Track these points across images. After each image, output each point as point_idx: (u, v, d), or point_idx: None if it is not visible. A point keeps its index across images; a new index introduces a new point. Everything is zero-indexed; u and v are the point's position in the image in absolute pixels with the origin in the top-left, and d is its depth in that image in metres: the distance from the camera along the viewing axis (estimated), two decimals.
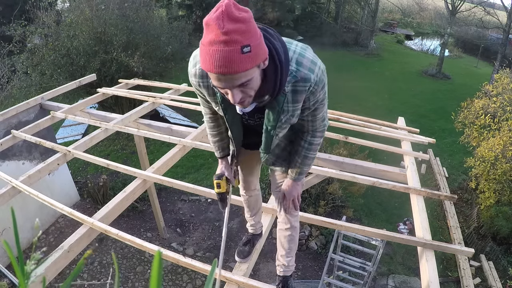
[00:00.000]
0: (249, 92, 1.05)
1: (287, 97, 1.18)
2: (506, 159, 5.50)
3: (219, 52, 0.91)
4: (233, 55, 0.92)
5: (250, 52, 0.93)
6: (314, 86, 1.18)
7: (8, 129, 3.97)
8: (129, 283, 5.13)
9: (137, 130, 3.70)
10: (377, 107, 11.80)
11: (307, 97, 1.22)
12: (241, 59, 0.93)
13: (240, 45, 0.91)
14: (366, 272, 4.11)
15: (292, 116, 1.26)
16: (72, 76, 7.35)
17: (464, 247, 2.25)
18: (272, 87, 1.11)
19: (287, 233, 1.83)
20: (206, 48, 0.94)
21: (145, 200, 6.45)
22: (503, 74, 6.65)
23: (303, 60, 1.15)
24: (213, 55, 0.92)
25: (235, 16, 0.90)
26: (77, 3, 8.38)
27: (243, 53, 0.92)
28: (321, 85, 1.21)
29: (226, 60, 0.92)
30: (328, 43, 19.56)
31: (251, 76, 0.99)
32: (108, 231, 2.33)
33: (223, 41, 0.90)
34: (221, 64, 0.92)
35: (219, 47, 0.91)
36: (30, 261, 0.46)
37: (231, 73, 0.94)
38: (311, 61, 1.16)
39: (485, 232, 6.36)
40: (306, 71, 1.15)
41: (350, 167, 3.39)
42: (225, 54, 0.91)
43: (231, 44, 0.91)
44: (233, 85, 0.99)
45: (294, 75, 1.14)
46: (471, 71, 17.86)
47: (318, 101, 1.27)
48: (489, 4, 18.08)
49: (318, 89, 1.20)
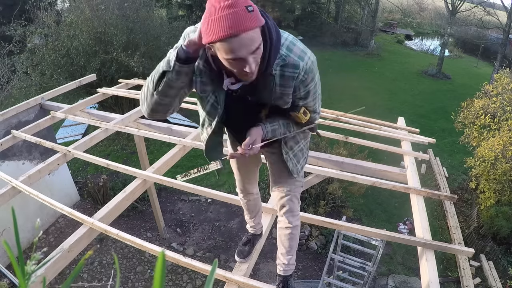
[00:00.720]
0: (258, 60, 1.06)
1: (275, 79, 1.18)
2: (506, 159, 5.49)
3: (228, 15, 0.93)
4: (240, 14, 0.93)
5: (253, 12, 0.96)
6: (304, 75, 1.19)
7: (8, 129, 3.97)
8: (129, 283, 5.13)
9: (137, 130, 3.71)
10: (377, 107, 11.80)
11: (297, 86, 1.22)
12: (248, 17, 0.94)
13: (244, 5, 0.94)
14: (366, 272, 4.11)
15: (280, 99, 1.25)
16: (72, 76, 7.35)
17: (464, 247, 2.25)
18: (261, 61, 1.10)
19: (288, 231, 1.81)
20: (214, 18, 0.94)
21: (145, 200, 6.45)
22: (503, 74, 6.64)
23: (293, 48, 1.17)
24: (223, 20, 0.93)
25: None
26: (77, 3, 8.38)
27: (248, 12, 0.94)
28: (311, 75, 1.22)
29: (235, 20, 0.93)
30: (328, 43, 19.56)
31: (258, 38, 1.00)
32: (108, 231, 2.33)
33: (227, 5, 0.93)
34: (230, 25, 0.93)
35: (224, 12, 0.93)
36: (30, 261, 0.46)
37: (243, 30, 0.94)
38: (301, 50, 1.18)
39: (485, 232, 6.36)
40: (296, 57, 1.16)
41: (350, 167, 3.39)
42: (234, 15, 0.93)
43: (235, 6, 0.93)
44: (249, 51, 0.99)
45: (283, 59, 1.15)
46: (471, 71, 17.86)
47: (310, 92, 1.27)
48: (489, 4, 18.07)
49: (308, 78, 1.21)
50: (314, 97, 1.32)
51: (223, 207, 6.63)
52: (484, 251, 6.07)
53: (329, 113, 4.10)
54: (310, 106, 1.35)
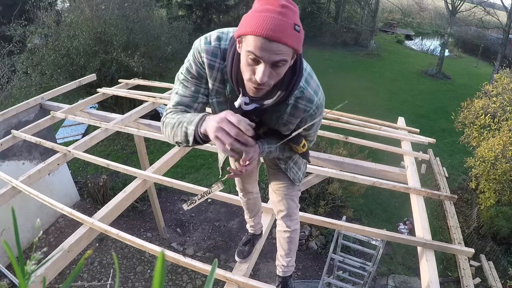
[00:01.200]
0: (274, 77, 1.04)
1: (288, 108, 1.20)
2: (506, 159, 5.49)
3: (275, 19, 0.94)
4: (287, 27, 0.95)
5: (298, 33, 0.98)
6: (315, 109, 1.23)
7: (8, 129, 3.97)
8: (129, 283, 5.13)
9: (137, 130, 3.70)
10: (377, 107, 11.80)
11: (305, 118, 1.25)
12: (292, 33, 0.96)
13: (293, 21, 0.96)
14: (366, 272, 4.11)
15: (284, 125, 1.27)
16: (72, 76, 7.35)
17: (464, 247, 2.25)
18: (284, 89, 1.11)
19: (286, 235, 1.81)
20: (261, 14, 0.95)
21: (145, 200, 6.45)
22: (503, 74, 6.64)
23: (311, 81, 1.20)
24: (269, 20, 0.94)
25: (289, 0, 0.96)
26: (77, 3, 8.38)
27: (294, 30, 0.96)
28: (320, 110, 1.25)
29: (280, 27, 0.94)
30: (328, 43, 19.56)
31: (288, 58, 1.01)
32: (108, 231, 2.33)
33: (280, 12, 0.94)
34: (274, 28, 0.94)
35: (276, 16, 0.94)
36: (30, 261, 0.46)
37: (280, 41, 0.95)
38: (317, 85, 1.22)
39: (485, 232, 6.36)
40: (312, 92, 1.19)
41: (350, 167, 3.39)
42: (281, 23, 0.94)
43: (287, 17, 0.95)
44: (271, 59, 0.98)
45: (301, 91, 1.17)
46: (471, 71, 17.86)
47: (314, 125, 1.30)
48: (489, 4, 18.07)
49: (318, 113, 1.25)
50: (316, 129, 1.36)
51: (223, 207, 6.63)
52: (484, 251, 6.07)
53: (329, 113, 4.09)
54: (310, 137, 1.38)
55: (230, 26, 1.24)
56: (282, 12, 0.94)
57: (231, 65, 1.10)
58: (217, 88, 1.21)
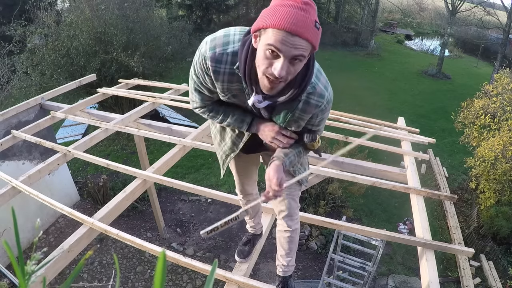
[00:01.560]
0: (291, 73, 1.04)
1: (300, 104, 1.21)
2: (506, 159, 5.49)
3: (298, 15, 0.94)
4: (309, 22, 0.96)
5: (318, 30, 0.99)
6: (326, 104, 1.24)
7: (8, 129, 3.97)
8: (129, 283, 5.13)
9: (137, 130, 3.70)
10: (377, 107, 11.80)
11: (316, 114, 1.26)
12: (313, 30, 0.97)
13: (314, 18, 0.97)
14: (366, 272, 4.11)
15: (295, 122, 1.28)
16: (72, 76, 7.35)
17: (464, 247, 2.25)
18: (298, 86, 1.12)
19: (287, 235, 1.81)
20: (283, 9, 0.95)
21: (145, 200, 6.45)
22: (503, 74, 6.64)
23: (320, 77, 1.21)
24: (292, 15, 0.94)
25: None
26: (77, 3, 8.38)
27: (315, 26, 0.98)
28: (330, 105, 1.27)
29: (302, 22, 0.95)
30: (328, 43, 19.55)
31: (306, 53, 1.01)
32: (108, 231, 2.33)
33: (302, 8, 0.95)
34: (297, 23, 0.94)
35: (298, 11, 0.95)
36: (30, 261, 0.46)
37: (301, 36, 0.95)
38: (326, 80, 1.23)
39: (485, 232, 6.36)
40: (323, 87, 1.20)
41: (350, 167, 3.39)
42: (303, 18, 0.95)
43: (308, 14, 0.96)
44: (291, 53, 0.98)
45: (313, 86, 1.18)
46: (471, 71, 17.86)
47: (323, 119, 1.32)
48: (489, 4, 18.07)
49: (328, 108, 1.26)
50: (324, 124, 1.38)
51: (223, 207, 6.63)
52: (484, 251, 6.07)
53: (329, 113, 4.10)
54: (320, 131, 1.39)
55: (230, 26, 1.24)
56: (304, 9, 0.95)
57: (245, 64, 1.09)
58: (227, 87, 1.21)
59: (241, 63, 1.10)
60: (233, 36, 1.14)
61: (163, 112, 9.20)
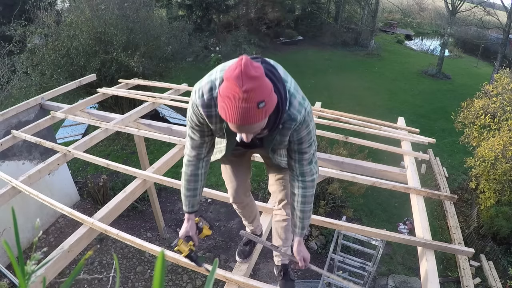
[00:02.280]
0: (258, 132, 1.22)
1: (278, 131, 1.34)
2: (506, 159, 5.49)
3: (240, 109, 1.07)
4: (251, 111, 1.08)
5: (264, 107, 1.10)
6: (298, 125, 1.33)
7: (8, 129, 3.97)
8: (129, 283, 5.13)
9: (137, 130, 3.70)
10: (377, 107, 11.80)
11: (292, 134, 1.37)
12: (257, 113, 1.09)
13: (256, 101, 1.07)
14: (366, 272, 4.11)
15: (280, 144, 1.42)
16: (72, 76, 7.34)
17: (464, 247, 2.25)
18: (272, 125, 1.27)
19: (285, 224, 1.89)
20: (227, 102, 1.09)
21: (145, 200, 6.45)
22: (503, 74, 6.64)
23: (294, 101, 1.28)
24: (234, 110, 1.08)
25: (252, 75, 1.04)
26: (77, 3, 8.38)
27: (258, 108, 1.08)
28: (305, 125, 1.35)
29: (245, 115, 1.08)
30: (328, 43, 19.56)
31: (263, 125, 1.17)
32: (108, 231, 2.33)
33: (242, 98, 1.06)
34: (240, 117, 1.09)
35: (239, 104, 1.07)
36: (30, 261, 0.46)
37: (248, 124, 1.12)
38: (299, 103, 1.30)
39: (485, 232, 6.36)
40: (295, 111, 1.29)
41: (350, 167, 3.39)
42: (244, 111, 1.07)
43: (249, 101, 1.06)
44: (248, 133, 1.17)
45: (287, 114, 1.29)
46: (471, 71, 17.86)
47: (302, 137, 1.39)
48: (489, 4, 18.07)
49: (302, 128, 1.35)
50: (309, 143, 1.43)
51: (223, 207, 6.63)
52: (484, 251, 6.07)
53: (329, 113, 4.10)
54: (304, 150, 1.44)
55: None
56: (244, 99, 1.05)
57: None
58: (219, 126, 1.37)
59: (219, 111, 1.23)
60: (215, 80, 1.26)
61: (163, 112, 9.20)
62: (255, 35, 16.95)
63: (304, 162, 1.47)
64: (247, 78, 1.04)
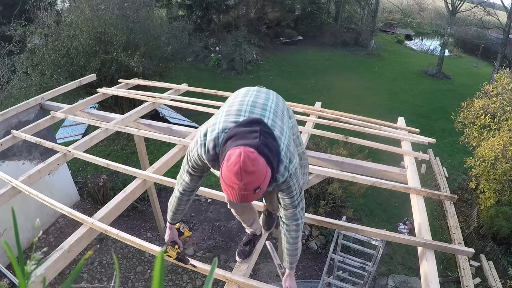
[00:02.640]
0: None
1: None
2: (506, 159, 5.49)
3: (239, 195, 1.29)
4: (248, 196, 1.29)
5: (259, 190, 1.30)
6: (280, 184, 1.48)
7: (8, 129, 3.97)
8: (129, 283, 5.13)
9: (137, 130, 3.70)
10: (377, 107, 11.80)
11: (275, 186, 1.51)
12: (253, 195, 1.30)
13: (253, 189, 1.27)
14: (366, 272, 4.11)
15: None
16: (72, 76, 7.34)
17: (464, 247, 2.25)
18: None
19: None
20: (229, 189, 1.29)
21: (145, 200, 6.45)
22: (503, 74, 6.64)
23: (280, 167, 1.42)
24: (235, 195, 1.29)
25: (250, 170, 1.23)
26: (77, 3, 8.38)
27: (255, 193, 1.29)
28: (286, 185, 1.49)
29: (243, 199, 1.30)
30: (328, 43, 19.55)
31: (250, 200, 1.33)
32: (108, 231, 2.33)
33: (241, 188, 1.26)
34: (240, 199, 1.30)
35: (239, 192, 1.28)
36: (30, 261, 0.46)
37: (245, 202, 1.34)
38: (285, 167, 1.43)
39: (485, 232, 6.36)
40: (279, 176, 1.44)
41: (350, 167, 3.39)
42: (243, 196, 1.29)
43: (247, 190, 1.27)
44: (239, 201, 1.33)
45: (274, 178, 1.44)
46: (471, 71, 17.85)
47: (282, 190, 1.53)
48: (489, 4, 18.06)
49: (283, 185, 1.50)
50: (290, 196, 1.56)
51: (223, 207, 6.63)
52: (484, 251, 6.07)
53: (329, 113, 4.10)
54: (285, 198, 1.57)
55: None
56: (243, 188, 1.26)
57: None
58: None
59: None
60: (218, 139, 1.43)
61: (163, 112, 9.20)
62: (255, 35, 16.95)
63: (287, 207, 1.61)
64: (245, 173, 1.23)
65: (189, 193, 1.72)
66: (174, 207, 1.77)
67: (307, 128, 3.77)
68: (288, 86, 13.49)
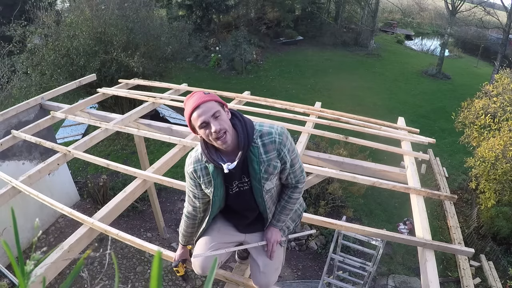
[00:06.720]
0: (223, 125, 1.43)
1: (259, 149, 1.52)
2: (506, 159, 5.49)
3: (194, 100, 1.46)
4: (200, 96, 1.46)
5: (209, 94, 1.48)
6: (279, 137, 1.53)
7: (8, 129, 3.97)
8: (129, 283, 5.13)
9: (137, 130, 3.70)
10: (377, 107, 11.80)
11: (278, 149, 1.54)
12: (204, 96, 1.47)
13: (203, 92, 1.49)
14: (366, 272, 4.11)
15: (269, 166, 1.55)
16: (72, 76, 7.34)
17: (464, 247, 2.25)
18: (243, 138, 1.49)
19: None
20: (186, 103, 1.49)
21: (145, 200, 6.45)
22: (503, 74, 6.64)
23: (263, 124, 1.57)
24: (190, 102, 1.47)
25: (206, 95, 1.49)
26: (77, 3, 8.38)
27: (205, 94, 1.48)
28: (285, 136, 1.54)
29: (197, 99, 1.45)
30: (328, 43, 19.55)
31: (216, 109, 1.44)
32: (108, 231, 2.33)
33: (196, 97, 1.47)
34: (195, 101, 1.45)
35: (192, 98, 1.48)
36: (30, 261, 0.46)
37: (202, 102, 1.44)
38: (269, 125, 1.57)
39: (485, 232, 6.36)
40: (268, 128, 1.54)
41: (350, 167, 3.39)
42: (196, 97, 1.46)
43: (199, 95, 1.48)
44: (209, 114, 1.42)
45: (259, 131, 1.54)
46: (471, 71, 17.86)
47: (290, 150, 1.57)
48: (489, 4, 18.06)
49: (283, 138, 1.54)
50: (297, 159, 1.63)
51: None
52: (484, 251, 6.07)
53: (329, 113, 4.10)
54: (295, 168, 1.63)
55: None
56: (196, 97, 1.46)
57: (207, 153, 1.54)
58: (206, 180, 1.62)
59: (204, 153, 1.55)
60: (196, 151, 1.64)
61: (163, 112, 9.20)
62: (255, 35, 16.95)
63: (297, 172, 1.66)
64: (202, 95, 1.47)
65: (193, 217, 1.85)
66: (183, 229, 1.91)
67: (307, 128, 3.77)
68: (288, 86, 13.49)
